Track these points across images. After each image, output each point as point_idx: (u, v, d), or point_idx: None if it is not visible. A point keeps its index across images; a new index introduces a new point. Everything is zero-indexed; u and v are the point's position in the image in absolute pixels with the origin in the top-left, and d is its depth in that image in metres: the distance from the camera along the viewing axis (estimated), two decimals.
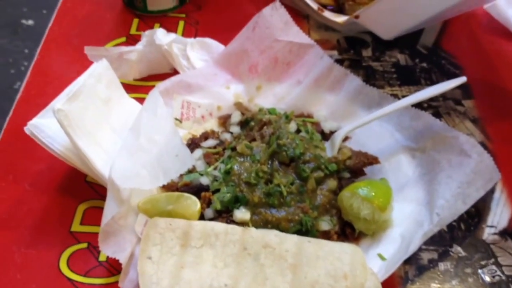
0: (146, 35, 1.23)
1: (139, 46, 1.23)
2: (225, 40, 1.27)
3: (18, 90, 1.23)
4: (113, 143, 1.03)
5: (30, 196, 1.08)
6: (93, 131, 1.01)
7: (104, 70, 1.07)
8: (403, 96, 1.22)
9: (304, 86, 1.20)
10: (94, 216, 1.04)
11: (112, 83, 1.09)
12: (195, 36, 1.36)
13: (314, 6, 1.36)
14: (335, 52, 1.36)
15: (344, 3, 1.37)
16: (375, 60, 1.35)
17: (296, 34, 1.21)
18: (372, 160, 1.08)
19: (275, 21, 1.21)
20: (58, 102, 0.98)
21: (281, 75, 1.22)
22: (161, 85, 1.13)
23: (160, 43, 1.20)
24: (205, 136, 1.13)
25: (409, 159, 1.09)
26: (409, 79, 1.31)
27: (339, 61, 1.28)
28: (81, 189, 1.09)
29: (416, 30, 1.37)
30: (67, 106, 0.97)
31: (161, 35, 1.21)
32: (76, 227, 1.04)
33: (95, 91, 1.04)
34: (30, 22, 2.53)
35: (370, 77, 1.28)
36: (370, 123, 1.12)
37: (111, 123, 1.05)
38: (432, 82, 1.29)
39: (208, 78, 1.19)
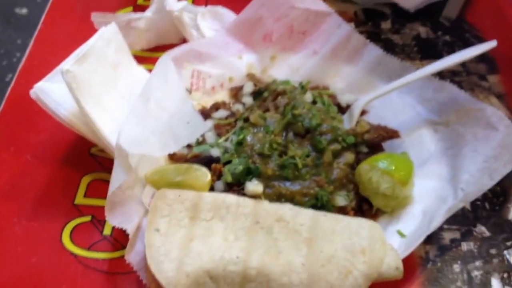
0: (156, 1, 1.21)
1: (148, 13, 1.20)
2: (237, 10, 1.24)
3: (10, 83, 1.20)
4: (121, 109, 1.01)
5: (32, 167, 1.06)
6: (101, 96, 0.99)
7: (113, 34, 1.05)
8: None
9: (320, 57, 1.17)
10: (98, 188, 1.03)
11: (121, 49, 1.07)
12: (205, 6, 1.33)
13: None
14: (352, 25, 1.31)
15: None
16: (395, 32, 1.32)
17: (313, 1, 1.18)
18: (392, 134, 1.05)
19: None
20: (67, 63, 0.96)
21: (297, 44, 1.19)
22: (171, 53, 1.10)
23: (171, 9, 1.18)
24: (216, 107, 1.10)
25: (432, 133, 1.06)
26: (430, 52, 1.27)
27: None
28: (85, 161, 1.07)
29: (439, 0, 1.34)
30: (76, 68, 0.95)
31: (171, 1, 1.19)
32: (80, 199, 1.02)
33: (104, 55, 1.02)
34: (24, 11, 2.47)
35: (389, 50, 1.24)
36: (390, 95, 1.09)
37: (119, 89, 1.04)
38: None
39: (219, 47, 1.17)
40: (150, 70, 1.08)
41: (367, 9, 1.37)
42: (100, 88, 0.99)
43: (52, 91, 0.99)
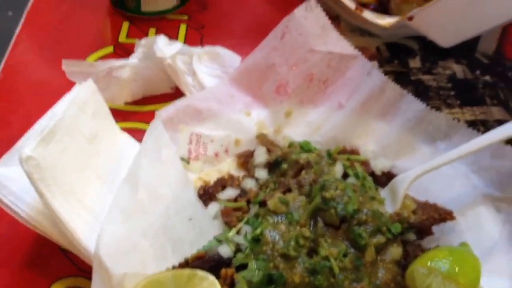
0: (142, 44, 0.96)
1: (133, 59, 0.95)
2: (239, 49, 1.02)
3: None
4: (102, 197, 0.76)
5: None
6: (74, 183, 0.74)
7: (90, 95, 0.80)
8: (467, 122, 0.97)
9: (346, 112, 0.93)
10: None
11: (100, 113, 0.82)
12: (200, 44, 1.09)
13: (351, 5, 1.08)
14: (375, 63, 1.08)
15: (389, 1, 1.10)
16: (426, 72, 1.10)
17: (336, 42, 0.95)
18: (446, 216, 0.82)
19: (310, 25, 0.94)
20: (28, 146, 0.70)
21: (317, 96, 0.95)
22: (163, 113, 0.87)
23: (163, 56, 0.93)
24: (222, 183, 0.86)
25: (493, 213, 0.83)
26: (470, 97, 1.05)
27: None
28: (56, 261, 0.81)
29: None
30: (40, 151, 0.70)
31: (162, 45, 0.94)
32: None
33: (78, 125, 0.77)
34: None
35: (422, 95, 1.02)
36: None
37: (98, 169, 0.79)
38: (500, 101, 1.04)
39: (222, 101, 0.93)
40: (136, 131, 0.88)
41: (391, 44, 1.14)
42: (72, 172, 0.74)
43: (8, 180, 0.74)
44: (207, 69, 0.99)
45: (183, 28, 1.13)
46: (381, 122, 0.93)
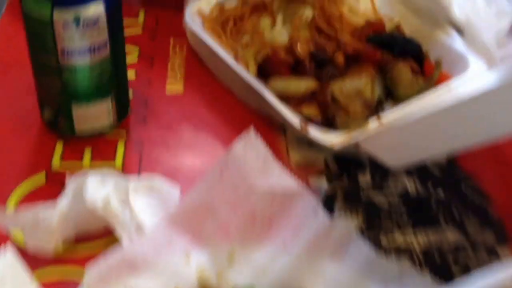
0: (72, 183, 0.89)
1: (62, 201, 0.88)
2: (179, 175, 0.99)
3: None
4: None
5: None
6: None
7: (9, 266, 0.74)
8: (420, 250, 0.92)
9: (293, 252, 0.88)
10: None
11: (20, 284, 0.75)
12: (139, 164, 1.03)
13: (296, 122, 1.04)
14: (323, 180, 1.04)
15: (334, 116, 1.06)
16: (377, 188, 1.04)
17: (279, 177, 0.90)
18: None
19: (250, 159, 0.89)
20: None
21: (261, 236, 0.89)
22: (93, 270, 0.80)
23: (92, 201, 0.86)
24: None
25: None
26: (424, 217, 0.99)
27: (330, 196, 0.98)
28: None
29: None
30: None
31: (92, 187, 0.87)
32: None
33: None
34: None
35: (373, 218, 0.98)
36: None
37: None
38: (455, 221, 0.99)
39: (160, 248, 0.86)
40: (69, 285, 0.82)
41: (340, 157, 1.08)
42: None
43: None
44: (145, 200, 0.93)
45: (121, 147, 1.06)
46: (330, 263, 0.88)
